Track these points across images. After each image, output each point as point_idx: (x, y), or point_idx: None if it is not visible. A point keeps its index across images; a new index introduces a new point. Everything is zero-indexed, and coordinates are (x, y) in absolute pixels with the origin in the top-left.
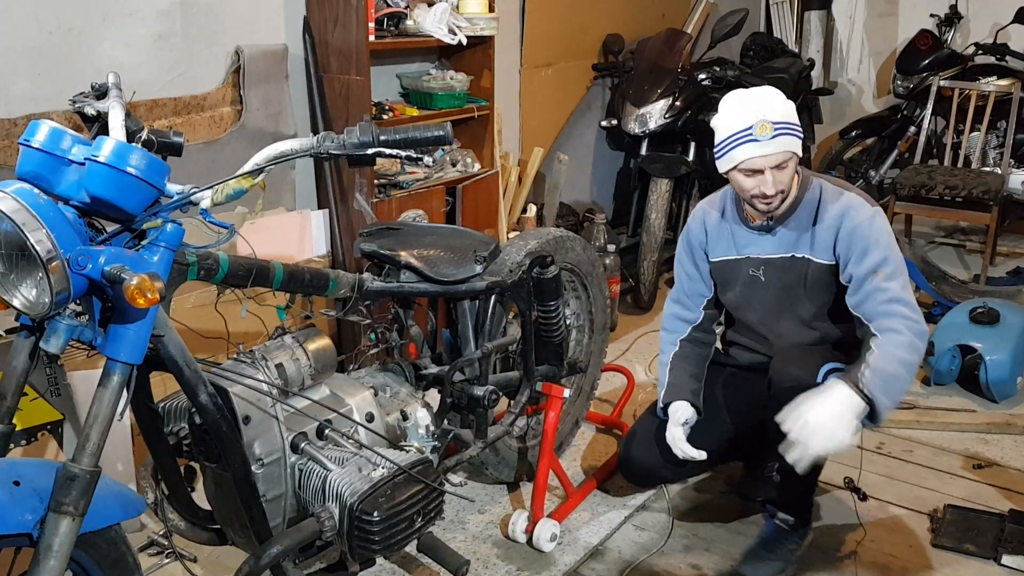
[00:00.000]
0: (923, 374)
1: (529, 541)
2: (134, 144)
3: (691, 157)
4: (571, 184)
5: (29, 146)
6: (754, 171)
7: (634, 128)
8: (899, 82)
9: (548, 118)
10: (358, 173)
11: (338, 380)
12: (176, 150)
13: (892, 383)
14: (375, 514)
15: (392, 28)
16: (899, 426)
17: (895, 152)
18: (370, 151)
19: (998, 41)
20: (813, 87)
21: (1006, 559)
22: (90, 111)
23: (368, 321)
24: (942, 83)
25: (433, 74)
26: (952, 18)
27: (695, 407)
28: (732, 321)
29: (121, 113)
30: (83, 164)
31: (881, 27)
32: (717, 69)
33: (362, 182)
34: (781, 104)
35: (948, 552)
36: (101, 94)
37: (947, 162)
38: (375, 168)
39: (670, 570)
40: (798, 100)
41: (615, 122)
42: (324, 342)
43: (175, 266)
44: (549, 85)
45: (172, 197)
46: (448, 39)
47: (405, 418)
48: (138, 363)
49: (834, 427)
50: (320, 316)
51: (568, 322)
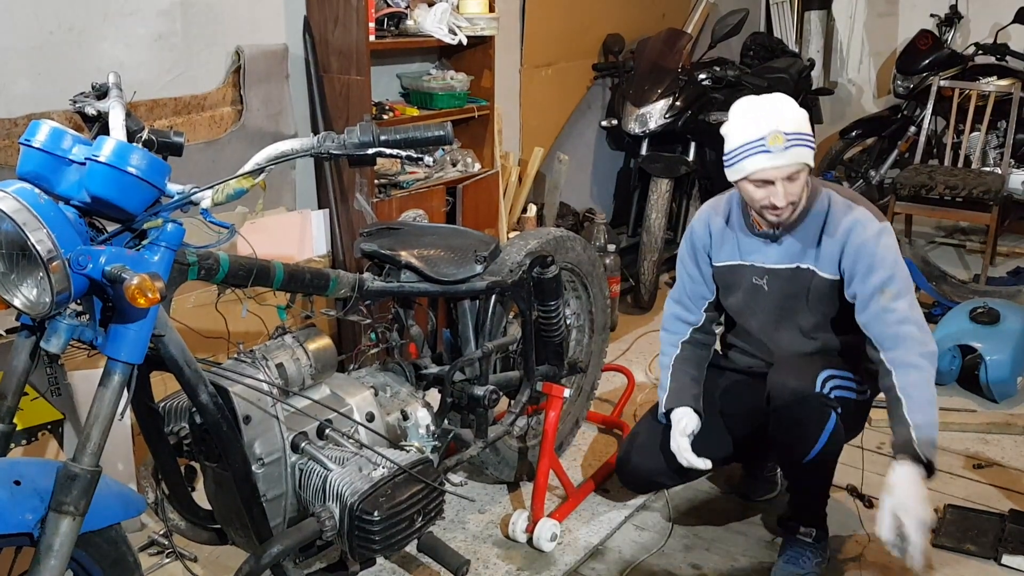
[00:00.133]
0: None
1: (529, 541)
2: (135, 144)
3: (691, 157)
4: (571, 184)
5: (30, 146)
6: (765, 182)
7: (634, 128)
8: (899, 82)
9: (548, 118)
10: (358, 173)
11: (338, 380)
12: (176, 150)
13: (934, 429)
14: (375, 514)
15: (392, 28)
16: None
17: (895, 152)
18: (371, 151)
19: (998, 41)
20: (813, 87)
21: (1006, 559)
22: (91, 111)
23: (368, 321)
24: (942, 83)
25: (433, 74)
26: (952, 18)
27: (697, 412)
28: (732, 324)
29: (122, 113)
30: (84, 164)
31: (881, 27)
32: (717, 69)
33: (362, 182)
34: (794, 114)
35: (948, 552)
36: (102, 94)
37: (947, 162)
38: (375, 168)
39: (670, 570)
40: (798, 100)
41: (615, 122)
42: (324, 342)
43: (176, 266)
44: (549, 85)
45: (173, 197)
46: (448, 39)
47: (405, 418)
48: (139, 363)
49: (924, 508)
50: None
51: (568, 322)
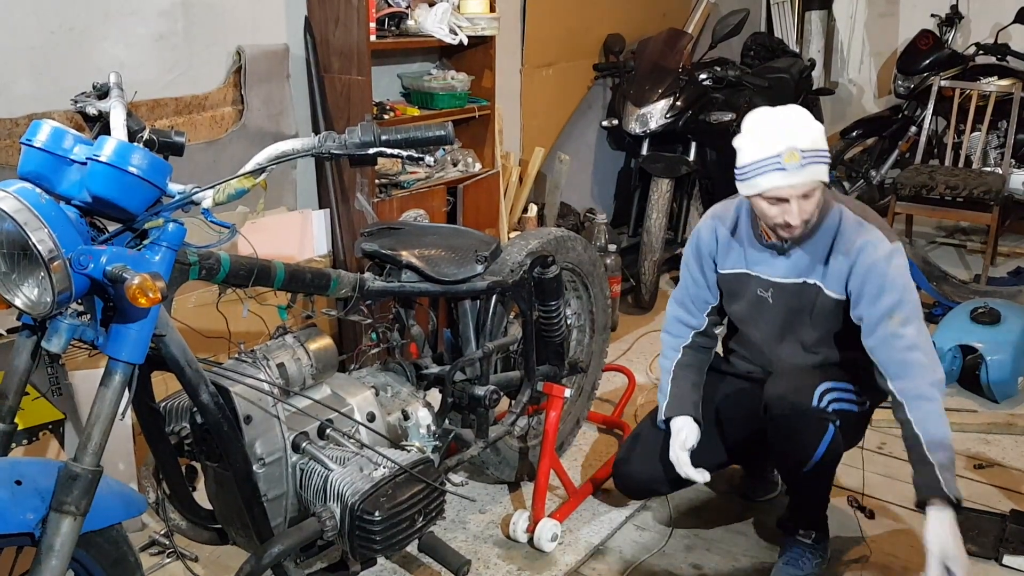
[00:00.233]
0: None
1: (530, 541)
2: (136, 144)
3: (692, 157)
4: (572, 184)
5: (31, 146)
6: (779, 200)
7: (635, 128)
8: (900, 82)
9: (549, 118)
10: (359, 173)
11: (339, 380)
12: (177, 150)
13: (953, 462)
14: (376, 514)
15: (393, 28)
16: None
17: (896, 152)
18: (372, 151)
19: (999, 41)
20: (814, 87)
21: (1007, 559)
22: (92, 111)
23: (369, 321)
24: (943, 83)
25: (434, 74)
26: (953, 18)
27: (697, 421)
28: (735, 329)
29: (123, 113)
30: (85, 164)
31: (882, 27)
32: (718, 69)
33: (363, 182)
34: (810, 129)
35: None
36: (103, 94)
37: (948, 162)
38: (376, 168)
39: (671, 570)
40: (799, 100)
41: (616, 122)
42: (325, 342)
43: (177, 266)
44: (550, 85)
45: (174, 197)
46: (449, 39)
47: (406, 418)
48: (140, 363)
49: (964, 552)
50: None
51: (569, 322)
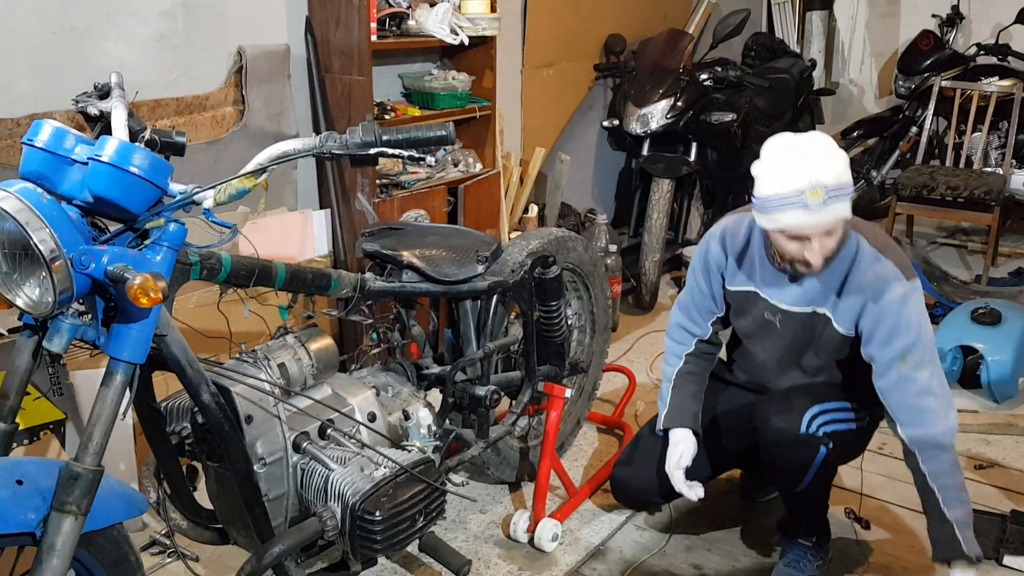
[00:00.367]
0: None
1: (531, 541)
2: (137, 144)
3: (693, 157)
4: (573, 184)
5: (32, 146)
6: (800, 237)
7: (636, 128)
8: (901, 82)
9: (550, 118)
10: (360, 173)
11: (340, 380)
12: (178, 150)
13: (971, 515)
14: (377, 514)
15: (394, 28)
16: None
17: (897, 152)
18: (373, 151)
19: (1000, 42)
20: (815, 87)
21: (1008, 560)
22: (93, 111)
23: (370, 321)
24: (944, 83)
25: (435, 74)
26: (954, 18)
27: (696, 433)
28: (739, 341)
29: (124, 113)
30: (86, 164)
31: (883, 27)
32: (719, 69)
33: (364, 182)
34: (835, 162)
35: None
36: (104, 94)
37: (949, 162)
38: (377, 168)
39: (671, 570)
40: (800, 101)
41: (617, 122)
42: (326, 342)
43: (178, 266)
44: (551, 85)
45: (175, 197)
46: (450, 39)
47: (407, 418)
48: (141, 362)
49: None
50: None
51: (570, 322)
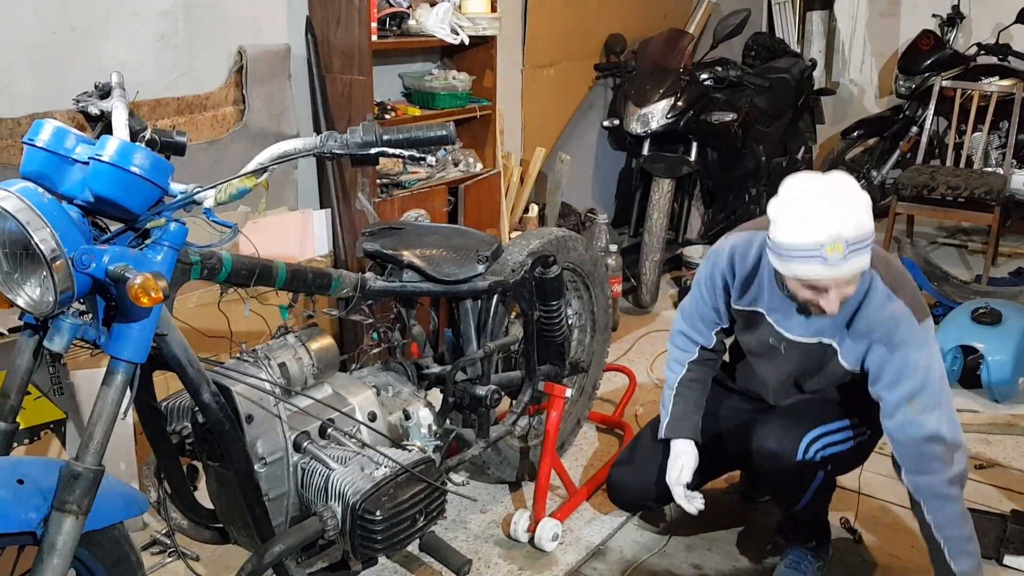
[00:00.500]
0: None
1: (531, 541)
2: (138, 143)
3: (693, 157)
4: (573, 184)
5: (33, 145)
6: (817, 288)
7: (636, 128)
8: (901, 82)
9: (550, 118)
10: (360, 173)
11: (340, 379)
12: (179, 149)
13: (980, 567)
14: (377, 513)
15: (394, 28)
16: None
17: (897, 152)
18: (373, 151)
19: (1000, 41)
20: (815, 87)
21: (1008, 559)
22: (93, 110)
23: (370, 320)
24: (944, 83)
25: (435, 74)
26: (954, 18)
27: (697, 442)
28: (742, 353)
29: (124, 112)
30: (87, 163)
31: (883, 27)
32: (719, 69)
33: (364, 182)
34: (857, 210)
35: None
36: (104, 93)
37: (949, 162)
38: (377, 168)
39: (672, 570)
40: (800, 101)
41: (617, 122)
42: (326, 341)
43: (178, 265)
44: (551, 85)
45: (175, 196)
46: (450, 39)
47: (407, 417)
48: (141, 362)
49: None
50: (322, 315)
51: (570, 322)
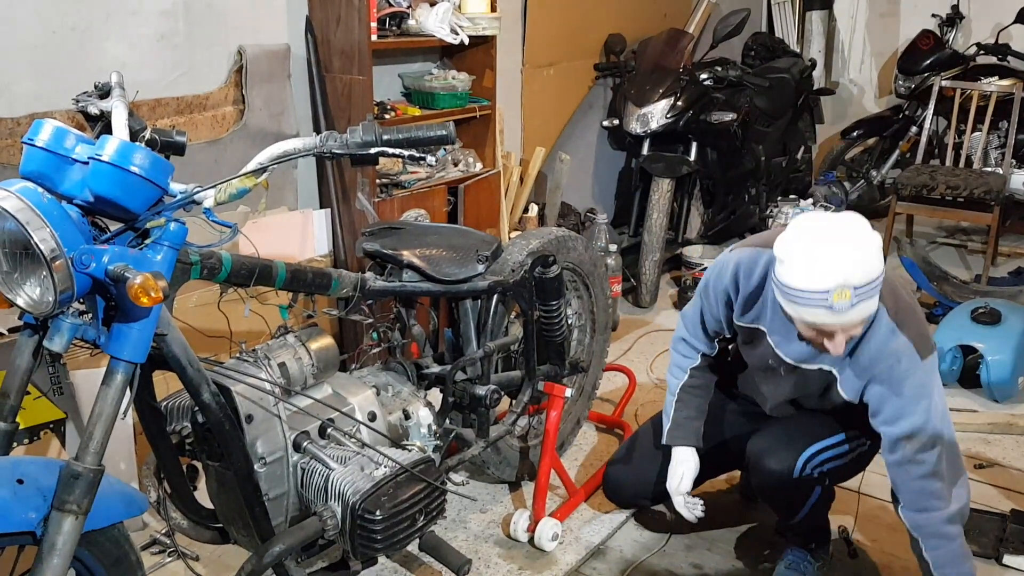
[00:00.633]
0: None
1: (531, 540)
2: (137, 143)
3: (693, 157)
4: (573, 184)
5: (33, 145)
6: (823, 331)
7: (636, 128)
8: (901, 82)
9: (550, 118)
10: (360, 173)
11: (340, 379)
12: (179, 149)
13: None
14: (377, 513)
15: (394, 28)
16: None
17: (896, 152)
18: (373, 150)
19: (1000, 41)
20: (815, 87)
21: (1007, 559)
22: (93, 110)
23: (370, 320)
24: (944, 83)
25: (435, 74)
26: (954, 18)
27: (698, 448)
28: (744, 364)
29: (124, 112)
30: (87, 163)
31: (883, 27)
32: (719, 69)
33: (364, 181)
34: (867, 257)
35: None
36: (104, 93)
37: (949, 162)
38: (377, 168)
39: (672, 569)
40: (800, 100)
41: (617, 122)
42: (326, 341)
43: (178, 265)
44: (551, 85)
45: (175, 196)
46: (450, 39)
47: (407, 417)
48: (141, 362)
49: None
50: (322, 315)
51: (570, 322)
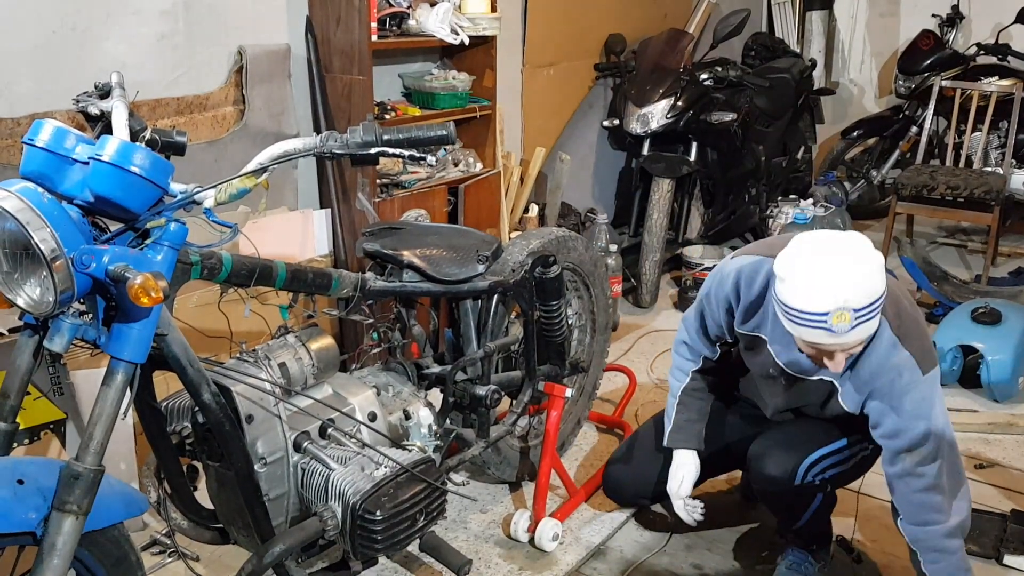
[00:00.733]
0: None
1: (531, 541)
2: (138, 143)
3: (693, 157)
4: (573, 184)
5: (33, 145)
6: (823, 351)
7: (636, 128)
8: (901, 82)
9: (550, 118)
10: (360, 173)
11: (341, 379)
12: (179, 149)
13: None
14: (378, 513)
15: (394, 28)
16: None
17: (897, 152)
18: (373, 150)
19: (1000, 41)
20: (815, 87)
21: (1008, 559)
22: (93, 110)
23: (370, 320)
24: (944, 83)
25: (435, 74)
26: (954, 18)
27: (699, 451)
28: (746, 368)
29: (124, 112)
30: (87, 163)
31: (883, 27)
32: (719, 69)
33: (364, 182)
34: (868, 279)
35: None
36: (104, 93)
37: (949, 162)
38: (377, 168)
39: (672, 570)
40: (800, 100)
41: (617, 122)
42: (327, 341)
43: (178, 265)
44: (551, 85)
45: (175, 196)
46: (450, 39)
47: (407, 417)
48: (141, 362)
49: None
50: (323, 315)
51: (570, 322)
